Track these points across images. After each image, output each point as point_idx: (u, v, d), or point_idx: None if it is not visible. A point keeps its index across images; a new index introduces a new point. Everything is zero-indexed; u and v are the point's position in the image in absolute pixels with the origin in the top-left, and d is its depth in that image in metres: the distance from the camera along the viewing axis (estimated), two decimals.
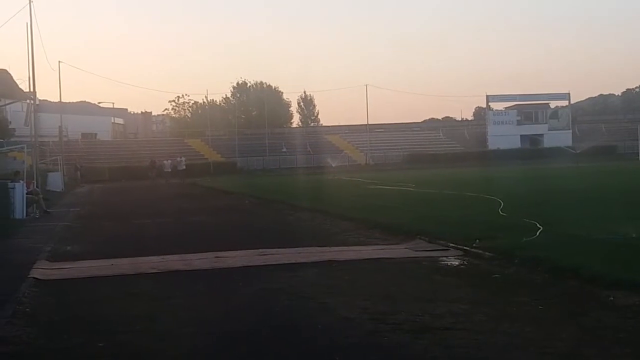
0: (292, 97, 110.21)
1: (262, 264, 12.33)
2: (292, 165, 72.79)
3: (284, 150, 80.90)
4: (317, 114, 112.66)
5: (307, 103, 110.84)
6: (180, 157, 59.69)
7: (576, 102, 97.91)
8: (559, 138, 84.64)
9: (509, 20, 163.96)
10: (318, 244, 14.63)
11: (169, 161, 57.64)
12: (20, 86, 40.74)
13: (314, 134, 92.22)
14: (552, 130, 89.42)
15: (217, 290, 10.23)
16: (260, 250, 13.80)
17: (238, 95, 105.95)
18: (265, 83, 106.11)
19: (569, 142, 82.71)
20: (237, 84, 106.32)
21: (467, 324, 7.56)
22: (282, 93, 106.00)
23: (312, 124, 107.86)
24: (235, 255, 13.29)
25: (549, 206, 19.34)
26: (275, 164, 74.94)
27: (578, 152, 64.42)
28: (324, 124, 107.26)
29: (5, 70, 40.13)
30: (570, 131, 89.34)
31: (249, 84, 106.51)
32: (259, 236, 16.67)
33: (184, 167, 57.41)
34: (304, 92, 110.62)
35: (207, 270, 11.93)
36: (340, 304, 8.81)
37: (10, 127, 49.64)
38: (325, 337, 7.38)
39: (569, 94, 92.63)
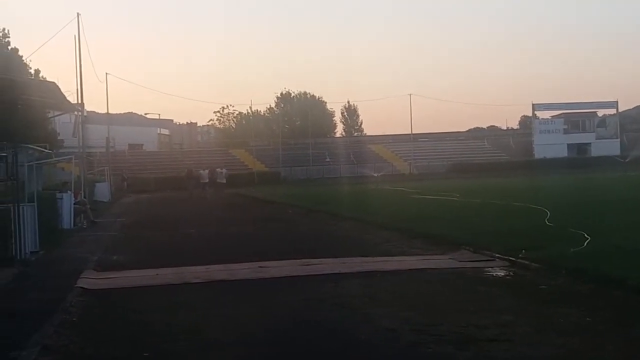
0: (335, 106, 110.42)
1: (306, 274, 12.34)
2: (336, 175, 72.74)
3: (328, 160, 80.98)
4: (361, 123, 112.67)
5: (350, 113, 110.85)
6: (222, 169, 51.73)
7: (624, 111, 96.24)
8: (607, 147, 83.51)
9: (555, 27, 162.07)
10: (361, 254, 14.59)
11: (206, 171, 48.67)
12: (68, 98, 41.39)
13: (358, 144, 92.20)
14: (599, 139, 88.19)
15: (260, 300, 10.24)
16: (304, 260, 13.81)
17: (282, 106, 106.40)
18: (309, 93, 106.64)
19: (617, 151, 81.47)
20: (281, 94, 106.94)
21: (512, 336, 7.46)
22: (326, 103, 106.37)
23: (355, 134, 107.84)
24: (278, 265, 13.31)
25: (597, 216, 19.00)
26: (318, 174, 74.99)
27: (626, 160, 63.35)
28: (367, 134, 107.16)
29: (54, 83, 40.76)
30: (618, 140, 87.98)
31: (292, 94, 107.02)
32: (302, 246, 16.66)
33: (224, 180, 48.71)
34: (348, 102, 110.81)
35: (251, 280, 11.98)
36: (383, 314, 8.77)
37: (58, 138, 50.44)
38: (368, 347, 7.34)
39: (617, 102, 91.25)
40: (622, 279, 9.72)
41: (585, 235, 14.03)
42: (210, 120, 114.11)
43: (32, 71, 44.06)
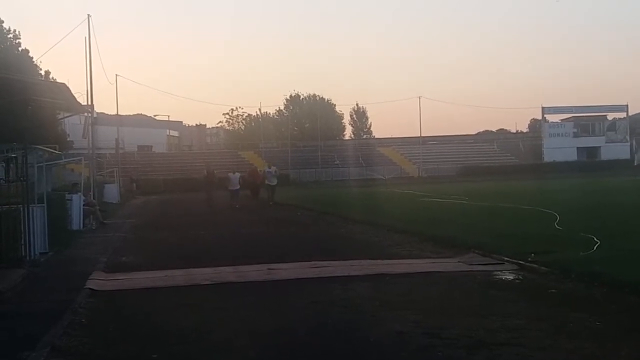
0: (344, 109, 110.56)
1: (315, 276, 12.30)
2: (345, 177, 72.81)
3: (337, 162, 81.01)
4: (370, 126, 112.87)
5: (359, 115, 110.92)
6: (271, 167, 40.40)
7: (634, 114, 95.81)
8: (617, 150, 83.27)
9: (565, 30, 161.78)
10: (370, 256, 14.54)
11: (237, 175, 37.00)
12: (78, 99, 41.46)
13: (367, 146, 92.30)
14: (609, 142, 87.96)
15: (269, 303, 10.23)
16: (313, 262, 13.78)
17: (291, 108, 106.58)
18: (318, 95, 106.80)
19: (627, 155, 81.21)
20: (290, 96, 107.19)
21: (523, 340, 7.41)
22: (335, 105, 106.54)
23: (364, 136, 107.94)
24: (287, 268, 13.29)
25: (607, 220, 18.93)
26: (327, 176, 75.07)
27: (637, 164, 63.14)
28: (376, 136, 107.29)
29: (64, 84, 40.89)
30: (629, 143, 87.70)
31: (301, 97, 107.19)
32: (311, 248, 16.63)
33: (276, 181, 37.81)
34: (357, 104, 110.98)
35: (260, 282, 11.96)
36: (393, 317, 8.74)
37: (68, 139, 50.60)
38: (378, 351, 7.31)
39: (627, 105, 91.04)
40: (634, 283, 9.66)
41: (595, 239, 13.97)
42: (220, 122, 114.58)
43: (43, 72, 44.15)
